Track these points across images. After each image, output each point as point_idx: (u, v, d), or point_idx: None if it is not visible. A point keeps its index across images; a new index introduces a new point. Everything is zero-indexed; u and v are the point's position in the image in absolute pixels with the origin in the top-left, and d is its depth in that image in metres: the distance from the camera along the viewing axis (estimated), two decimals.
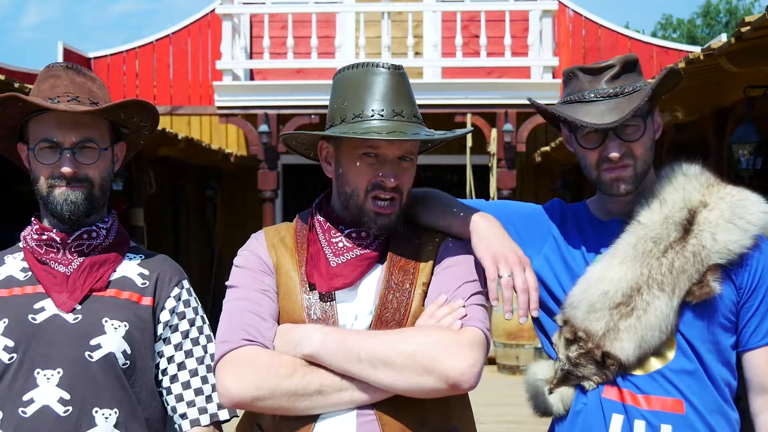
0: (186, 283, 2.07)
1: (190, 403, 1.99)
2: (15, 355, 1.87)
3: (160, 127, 7.59)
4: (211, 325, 2.09)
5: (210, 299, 11.89)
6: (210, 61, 12.62)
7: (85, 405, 1.86)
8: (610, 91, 1.91)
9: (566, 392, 1.96)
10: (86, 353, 1.88)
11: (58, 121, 1.93)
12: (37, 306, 1.91)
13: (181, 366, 2.00)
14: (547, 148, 10.74)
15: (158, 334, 2.00)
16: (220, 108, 10.68)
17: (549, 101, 10.36)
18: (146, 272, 2.02)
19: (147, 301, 1.98)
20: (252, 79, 11.88)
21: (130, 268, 2.02)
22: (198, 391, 2.00)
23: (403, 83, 1.88)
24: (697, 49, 8.06)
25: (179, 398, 1.99)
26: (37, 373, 1.85)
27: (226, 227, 13.20)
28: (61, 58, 11.45)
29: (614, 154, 1.89)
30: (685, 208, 1.92)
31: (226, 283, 1.93)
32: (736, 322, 1.92)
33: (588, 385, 1.93)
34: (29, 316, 1.90)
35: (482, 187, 11.02)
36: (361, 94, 1.85)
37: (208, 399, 2.00)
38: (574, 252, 2.01)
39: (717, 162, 6.58)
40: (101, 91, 2.02)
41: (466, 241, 1.90)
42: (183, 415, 1.99)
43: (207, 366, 2.02)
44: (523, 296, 1.76)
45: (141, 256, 2.07)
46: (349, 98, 1.86)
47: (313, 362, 1.75)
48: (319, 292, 1.84)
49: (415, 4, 11.18)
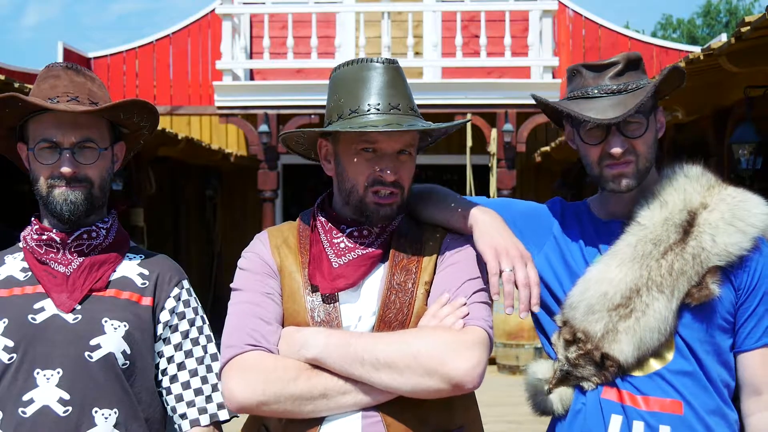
0: (186, 283, 2.07)
1: (190, 403, 1.99)
2: (15, 355, 1.86)
3: (160, 127, 7.59)
4: (211, 325, 2.09)
5: (210, 299, 11.86)
6: (210, 61, 12.61)
7: (84, 405, 1.86)
8: (614, 88, 1.91)
9: (565, 392, 1.96)
10: (86, 353, 1.88)
11: (58, 121, 1.93)
12: (36, 306, 1.91)
13: (181, 366, 2.00)
14: (547, 148, 10.74)
15: (158, 334, 1.99)
16: (220, 108, 10.67)
17: (548, 102, 10.29)
18: (146, 272, 2.02)
19: (147, 301, 1.98)
20: (252, 79, 11.87)
21: (130, 268, 2.02)
22: (198, 391, 2.00)
23: (399, 77, 1.88)
24: (697, 49, 8.06)
25: (179, 398, 1.99)
26: (37, 374, 1.85)
27: (226, 227, 13.19)
28: (61, 58, 11.44)
29: (616, 150, 1.89)
30: (686, 209, 1.91)
31: (231, 285, 1.94)
32: (734, 323, 1.92)
33: (587, 385, 1.92)
34: (29, 316, 1.89)
35: (482, 187, 11.01)
36: (356, 90, 1.86)
37: (208, 399, 2.00)
38: (574, 251, 2.01)
39: (717, 162, 6.58)
40: (101, 91, 2.01)
41: (467, 237, 1.90)
42: (183, 415, 1.99)
43: (207, 366, 2.02)
44: (524, 291, 1.76)
45: (141, 256, 2.07)
46: (345, 95, 1.87)
47: (316, 366, 1.75)
48: (322, 293, 1.83)
49: (415, 4, 11.18)
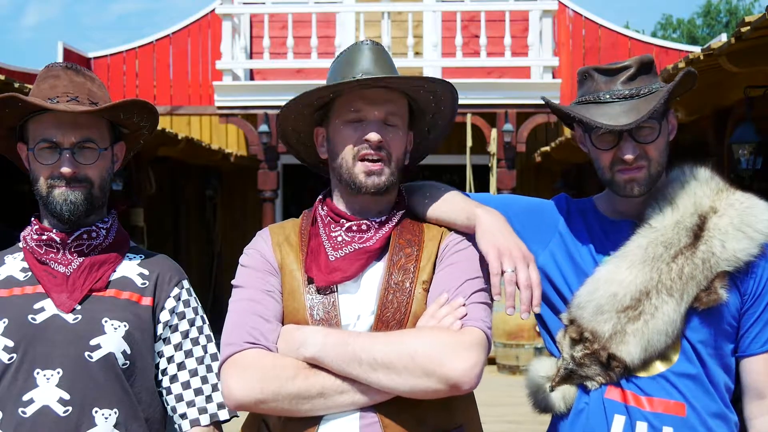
0: (186, 283, 2.07)
1: (190, 403, 1.99)
2: (15, 355, 1.87)
3: (160, 127, 7.59)
4: (211, 325, 2.09)
5: (210, 299, 11.86)
6: (210, 61, 12.62)
7: (84, 405, 1.86)
8: (626, 93, 1.89)
9: (568, 390, 1.96)
10: (86, 353, 1.88)
11: (58, 122, 1.93)
12: (36, 306, 1.91)
13: (181, 366, 2.00)
14: (547, 148, 10.74)
15: (158, 334, 1.99)
16: (220, 108, 10.68)
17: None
18: (146, 272, 2.02)
19: (147, 301, 1.98)
20: (252, 79, 11.87)
21: (130, 268, 2.02)
22: (198, 391, 2.00)
23: (382, 54, 1.93)
24: (697, 49, 8.06)
25: (179, 398, 1.99)
26: (37, 374, 1.85)
27: (226, 227, 13.20)
28: (61, 58, 11.45)
29: (629, 156, 1.88)
30: (696, 213, 1.91)
31: (232, 282, 1.94)
32: (738, 328, 1.92)
33: (591, 385, 1.92)
34: (29, 317, 1.90)
35: (482, 188, 11.01)
36: (342, 68, 1.91)
37: (208, 399, 2.00)
38: (581, 249, 2.00)
39: (717, 162, 6.57)
40: (101, 91, 2.01)
41: (467, 237, 1.89)
42: (183, 415, 1.99)
43: (207, 366, 2.02)
44: (525, 292, 1.75)
45: (141, 256, 2.07)
46: (333, 74, 1.93)
47: (315, 365, 1.75)
48: (317, 286, 1.84)
49: (415, 4, 11.18)
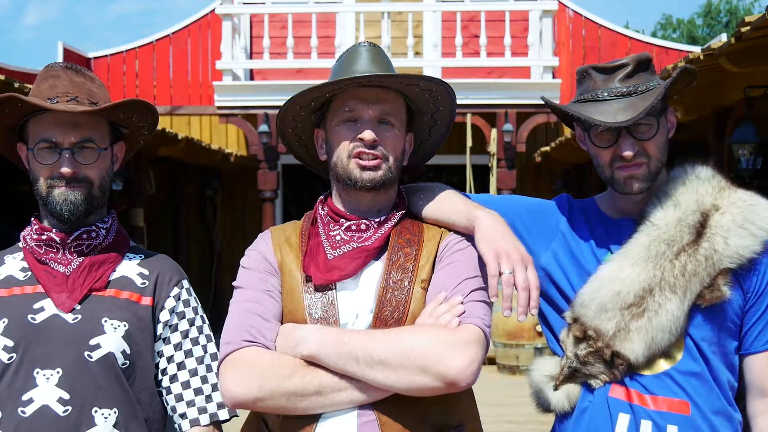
0: (186, 283, 2.07)
1: (190, 403, 1.99)
2: (14, 355, 1.87)
3: (160, 127, 7.59)
4: (212, 325, 2.09)
5: (210, 299, 11.87)
6: (210, 61, 12.62)
7: (84, 405, 1.86)
8: (624, 90, 1.91)
9: (573, 389, 1.96)
10: (86, 353, 1.88)
11: (57, 122, 1.93)
12: (36, 306, 1.91)
13: (181, 366, 2.00)
14: (547, 148, 10.74)
15: (158, 333, 2.00)
16: (220, 108, 10.68)
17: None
18: (146, 272, 2.02)
19: (147, 300, 1.98)
20: (252, 79, 11.87)
21: (130, 268, 2.02)
22: (198, 391, 2.00)
23: (380, 55, 1.94)
24: (697, 49, 8.06)
25: (179, 398, 1.99)
26: (37, 373, 1.85)
27: (226, 227, 13.20)
28: (61, 58, 11.45)
29: (628, 153, 1.89)
30: (698, 210, 1.92)
31: (233, 283, 1.95)
32: (741, 326, 1.92)
33: (595, 383, 1.92)
34: (29, 316, 1.90)
35: (482, 188, 11.01)
36: (340, 70, 1.93)
37: (208, 399, 2.00)
38: (583, 248, 2.00)
39: (717, 162, 6.57)
40: (100, 91, 2.02)
41: (467, 237, 1.90)
42: (183, 415, 1.99)
43: (207, 366, 2.02)
44: (523, 294, 1.75)
45: (141, 256, 2.07)
46: (332, 77, 1.94)
47: (313, 363, 1.75)
48: (315, 284, 1.84)
49: (415, 4, 11.18)
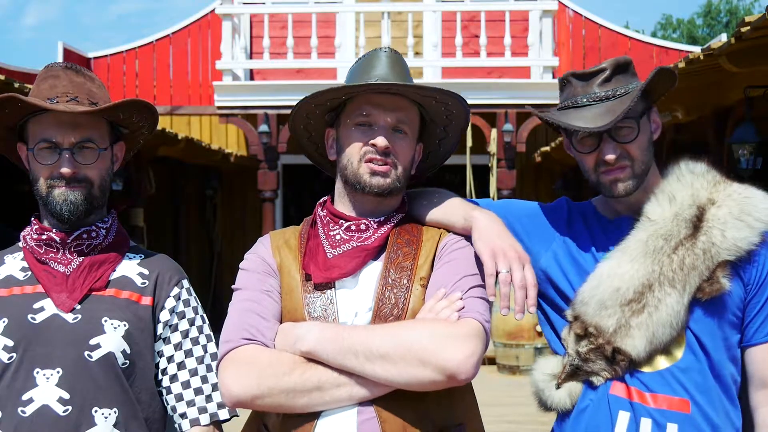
0: (186, 283, 2.07)
1: (190, 403, 1.99)
2: (14, 355, 1.87)
3: (160, 127, 7.59)
4: (211, 325, 2.09)
5: (210, 299, 11.87)
6: (210, 61, 12.62)
7: (84, 404, 1.86)
8: (602, 95, 1.93)
9: (575, 387, 1.97)
10: (86, 353, 1.88)
11: (57, 122, 1.93)
12: (36, 306, 1.91)
13: (181, 365, 2.00)
14: (547, 148, 10.74)
15: (158, 333, 2.00)
16: (220, 108, 10.68)
17: (549, 101, 10.40)
18: (146, 272, 2.02)
19: (147, 300, 1.99)
20: (252, 79, 11.87)
21: (130, 268, 2.02)
22: (198, 391, 2.00)
23: (399, 63, 1.95)
24: (697, 49, 8.06)
25: (179, 398, 1.99)
26: (37, 373, 1.85)
27: (226, 227, 13.20)
28: (61, 58, 11.45)
29: (610, 156, 1.91)
30: (694, 205, 1.93)
31: (232, 286, 1.96)
32: (742, 318, 1.93)
33: (597, 380, 1.93)
34: (29, 316, 1.90)
35: (482, 187, 11.01)
36: (358, 74, 1.94)
37: (208, 398, 2.00)
38: (582, 249, 2.02)
39: (717, 162, 6.56)
40: (100, 91, 2.02)
41: (467, 238, 1.91)
42: (183, 415, 1.99)
43: (207, 365, 2.02)
44: (520, 293, 1.77)
45: (141, 256, 2.07)
46: (349, 81, 1.96)
47: (312, 359, 1.75)
48: (315, 282, 1.85)
49: (415, 4, 11.18)
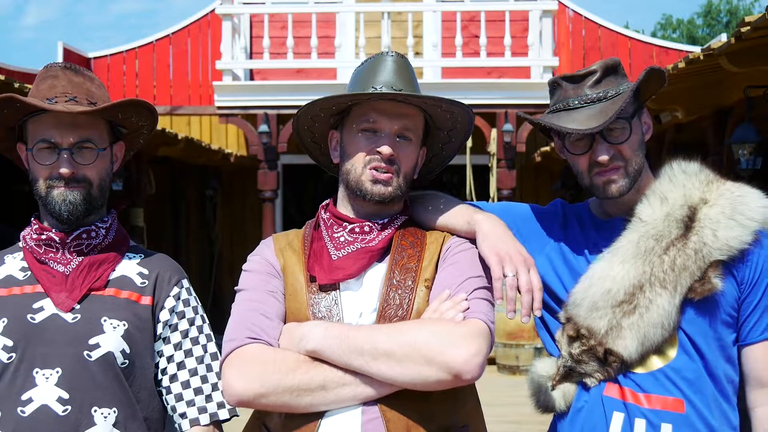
0: (186, 283, 2.07)
1: (190, 403, 1.99)
2: (14, 355, 1.87)
3: (160, 127, 7.59)
4: (211, 325, 2.09)
5: (210, 299, 11.86)
6: (210, 61, 12.61)
7: (84, 404, 1.86)
8: (593, 96, 1.93)
9: (568, 389, 1.97)
10: (85, 352, 1.88)
11: (56, 122, 1.93)
12: (36, 305, 1.91)
13: (181, 365, 2.00)
14: (547, 148, 10.72)
15: (158, 333, 2.00)
16: (220, 108, 10.67)
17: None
18: (145, 271, 2.02)
19: (146, 300, 1.99)
20: (252, 79, 11.87)
21: (130, 268, 2.02)
22: (198, 391, 2.00)
23: (405, 68, 1.95)
24: (697, 49, 8.07)
25: (179, 397, 1.99)
26: (36, 373, 1.85)
27: (226, 227, 13.19)
28: (61, 58, 11.44)
29: (603, 157, 1.92)
30: (686, 205, 1.93)
31: (236, 287, 1.96)
32: (737, 317, 1.92)
33: (590, 381, 1.93)
34: (28, 316, 1.90)
35: (482, 187, 11.01)
36: (365, 78, 1.95)
37: (208, 398, 2.00)
38: (575, 251, 2.02)
39: (717, 162, 6.58)
40: (100, 91, 2.02)
41: (470, 240, 1.92)
42: (183, 415, 1.99)
43: (207, 365, 2.02)
44: (527, 296, 1.78)
45: (140, 256, 2.07)
46: (354, 83, 1.97)
47: (316, 358, 1.75)
48: (320, 283, 1.86)
49: (415, 4, 11.18)
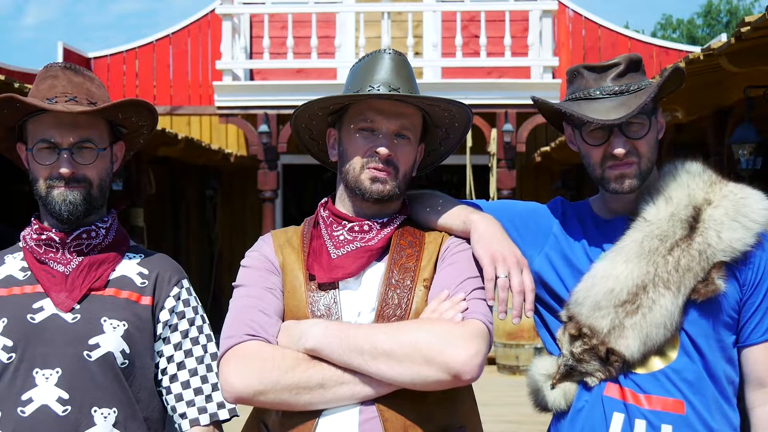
0: (185, 283, 2.07)
1: (190, 403, 1.99)
2: (14, 355, 1.87)
3: (160, 127, 7.59)
4: (211, 325, 2.09)
5: (210, 299, 11.87)
6: (210, 61, 12.61)
7: (83, 404, 1.86)
8: (616, 89, 1.92)
9: (569, 388, 1.97)
10: (85, 353, 1.88)
11: (56, 122, 1.93)
12: (36, 306, 1.91)
13: (181, 365, 2.00)
14: (547, 148, 10.73)
15: (158, 333, 2.00)
16: (220, 108, 10.68)
17: (548, 101, 10.32)
18: (145, 271, 2.02)
19: (146, 300, 1.98)
20: (252, 79, 11.87)
21: (130, 268, 2.02)
22: (198, 391, 2.00)
23: (404, 66, 1.95)
24: (697, 49, 8.06)
25: (179, 398, 1.99)
26: (36, 373, 1.85)
27: (225, 227, 13.19)
28: (61, 58, 11.44)
29: (619, 150, 1.90)
30: (690, 205, 1.93)
31: (233, 283, 1.95)
32: (738, 319, 1.92)
33: (591, 381, 1.93)
34: (28, 316, 1.90)
35: (482, 187, 11.01)
36: (362, 76, 1.94)
37: (208, 398, 2.00)
38: (576, 249, 2.01)
39: (717, 162, 6.58)
40: (99, 91, 2.01)
41: (468, 240, 1.91)
42: (183, 415, 1.99)
43: (207, 365, 2.02)
44: (518, 298, 1.78)
45: (140, 256, 2.07)
46: (352, 81, 1.96)
47: (315, 357, 1.75)
48: (319, 282, 1.85)
49: (415, 4, 11.18)
